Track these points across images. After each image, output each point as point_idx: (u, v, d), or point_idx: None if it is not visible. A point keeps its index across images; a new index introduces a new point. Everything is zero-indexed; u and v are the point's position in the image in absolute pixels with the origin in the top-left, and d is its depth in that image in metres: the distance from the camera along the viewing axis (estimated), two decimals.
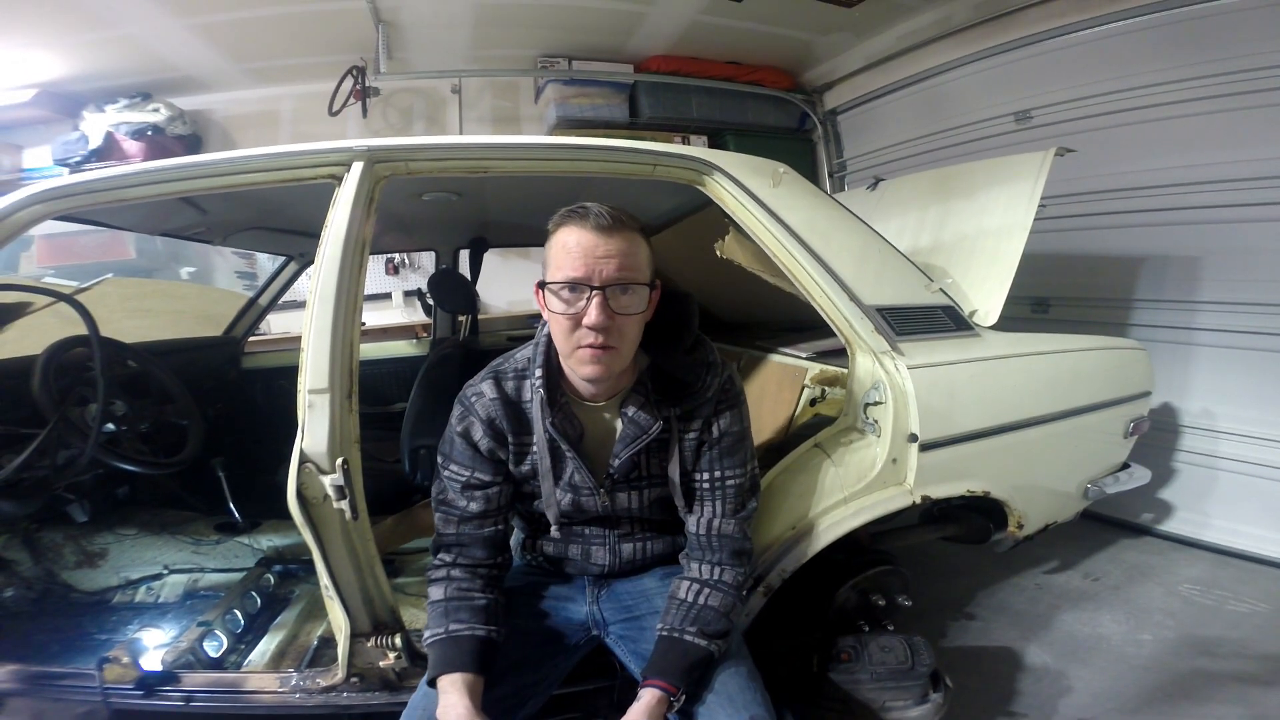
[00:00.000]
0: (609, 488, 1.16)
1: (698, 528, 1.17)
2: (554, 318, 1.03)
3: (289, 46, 3.60)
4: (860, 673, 1.42)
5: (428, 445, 1.83)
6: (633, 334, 1.05)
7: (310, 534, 1.21)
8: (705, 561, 1.16)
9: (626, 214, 1.03)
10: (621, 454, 1.12)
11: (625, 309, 1.01)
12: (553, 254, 1.03)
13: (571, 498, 1.16)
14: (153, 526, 2.03)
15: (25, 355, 1.66)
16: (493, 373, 1.16)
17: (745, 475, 1.18)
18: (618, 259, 0.99)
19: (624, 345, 1.04)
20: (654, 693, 1.01)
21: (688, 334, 1.17)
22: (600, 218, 1.00)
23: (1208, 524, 2.58)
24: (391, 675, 1.32)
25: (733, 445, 1.17)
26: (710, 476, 1.16)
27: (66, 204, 1.36)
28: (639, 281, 1.02)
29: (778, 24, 3.75)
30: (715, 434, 1.15)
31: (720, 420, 1.15)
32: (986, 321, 1.67)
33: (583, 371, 1.05)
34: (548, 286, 1.02)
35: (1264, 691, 1.70)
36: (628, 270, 1.01)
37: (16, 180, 3.58)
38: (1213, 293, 2.56)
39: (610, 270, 0.99)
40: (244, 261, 4.26)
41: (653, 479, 1.18)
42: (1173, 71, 2.56)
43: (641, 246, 1.04)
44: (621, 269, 1.00)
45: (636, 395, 1.12)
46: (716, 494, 1.16)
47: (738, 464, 1.17)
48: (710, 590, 1.12)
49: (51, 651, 1.63)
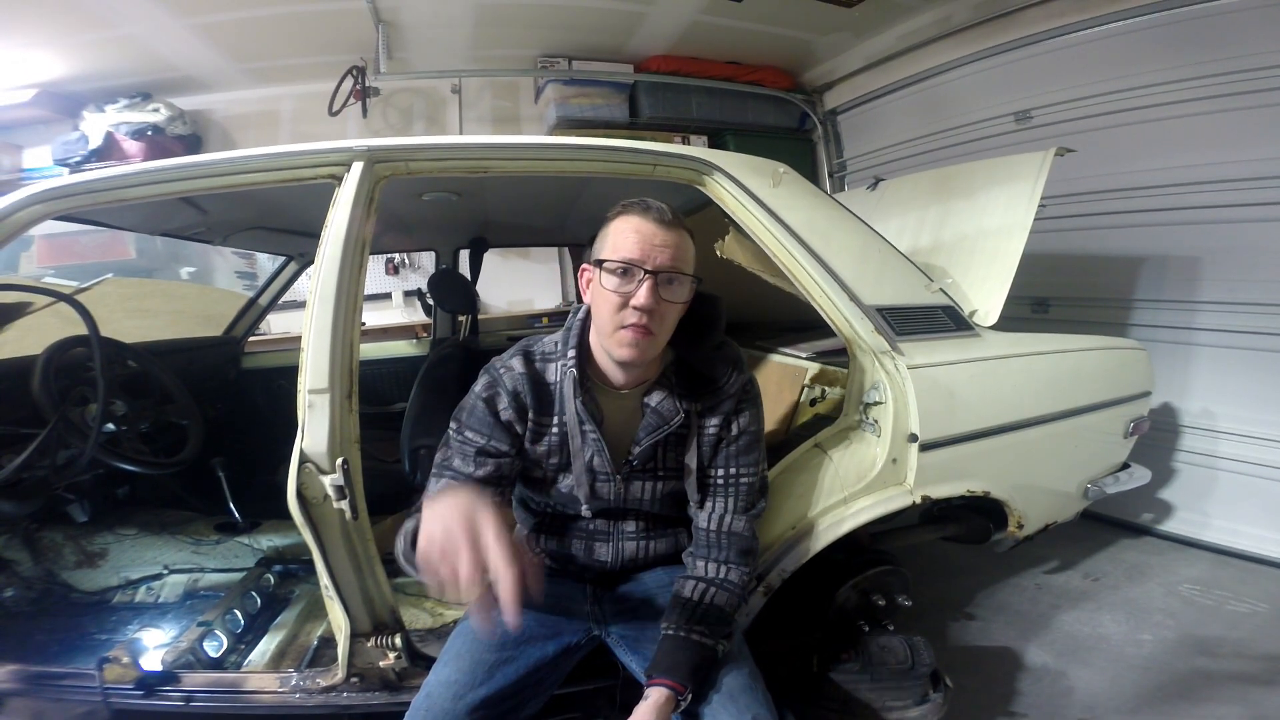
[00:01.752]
0: (626, 475, 1.17)
1: (708, 523, 1.18)
2: (603, 295, 1.06)
3: (289, 46, 3.60)
4: (860, 673, 1.42)
5: (428, 445, 1.83)
6: (671, 322, 1.10)
7: (310, 534, 1.21)
8: (712, 560, 1.16)
9: (682, 215, 1.10)
10: (643, 441, 1.15)
11: (671, 296, 1.07)
12: (610, 238, 1.08)
13: (589, 481, 1.18)
14: (153, 526, 2.03)
15: (25, 355, 1.66)
16: (522, 350, 1.18)
17: (757, 475, 1.21)
18: (672, 250, 1.06)
19: (661, 332, 1.08)
20: (662, 691, 1.01)
21: (715, 332, 1.21)
22: (662, 212, 1.07)
23: (1208, 524, 2.58)
24: (391, 675, 1.32)
25: (749, 444, 1.19)
26: (725, 472, 1.18)
27: (66, 204, 1.36)
28: (687, 274, 1.08)
29: (778, 24, 3.75)
30: (734, 431, 1.18)
31: (740, 418, 1.18)
32: (986, 321, 1.67)
33: (620, 353, 1.08)
34: (604, 265, 1.06)
35: (1264, 691, 1.70)
36: (680, 261, 1.07)
37: (16, 180, 3.58)
38: (1213, 293, 2.56)
39: (664, 258, 1.05)
40: (244, 261, 4.26)
41: (668, 470, 1.20)
42: (1173, 71, 2.56)
43: (691, 245, 1.11)
44: (675, 259, 1.06)
45: (661, 387, 1.16)
46: (730, 490, 1.18)
47: (752, 463, 1.20)
48: (717, 589, 1.12)
49: (51, 651, 1.63)
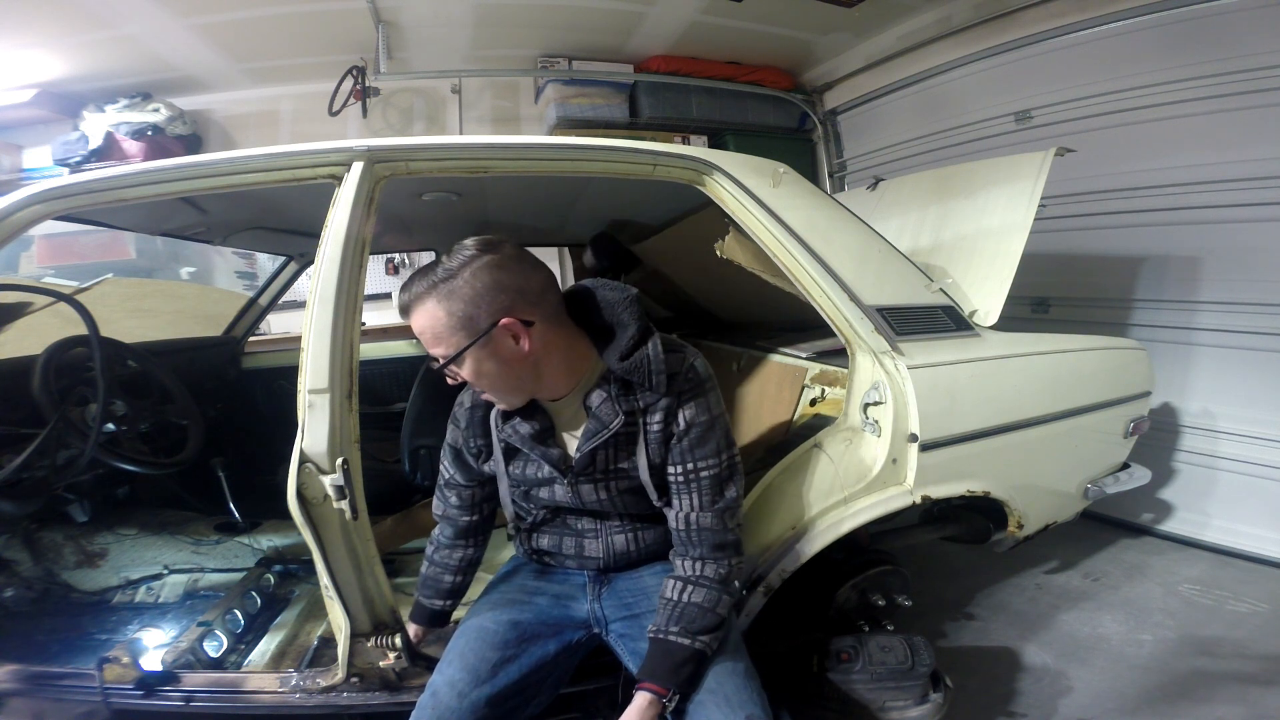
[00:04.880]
0: (573, 480, 1.16)
1: (677, 523, 1.16)
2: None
3: (289, 46, 3.60)
4: (860, 673, 1.41)
5: (428, 445, 1.83)
6: (494, 380, 1.06)
7: (310, 534, 1.21)
8: (688, 557, 1.15)
9: (424, 281, 1.01)
10: (582, 448, 1.13)
11: (457, 376, 1.07)
12: None
13: (547, 490, 1.20)
14: (153, 526, 2.03)
15: (25, 355, 1.66)
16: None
17: (720, 465, 1.15)
18: (426, 337, 1.03)
19: (497, 389, 1.09)
20: (644, 696, 1.02)
21: (626, 331, 1.11)
22: (404, 294, 1.03)
23: (1208, 524, 2.58)
24: (391, 675, 1.32)
25: (702, 436, 1.13)
26: (683, 469, 1.14)
27: (66, 204, 1.36)
28: (445, 355, 1.02)
29: (778, 24, 3.75)
30: (682, 425, 1.13)
31: (685, 411, 1.12)
32: (986, 321, 1.67)
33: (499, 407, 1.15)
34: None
35: (1264, 691, 1.70)
36: (434, 347, 1.03)
37: (16, 180, 3.58)
38: (1213, 293, 2.56)
39: (429, 347, 1.04)
40: (244, 261, 4.26)
41: (618, 472, 1.17)
42: (1173, 71, 2.56)
43: (438, 312, 1.00)
44: (431, 347, 1.04)
45: (600, 390, 1.12)
46: (691, 486, 1.14)
47: (709, 454, 1.14)
48: (693, 587, 1.11)
49: (51, 651, 1.63)
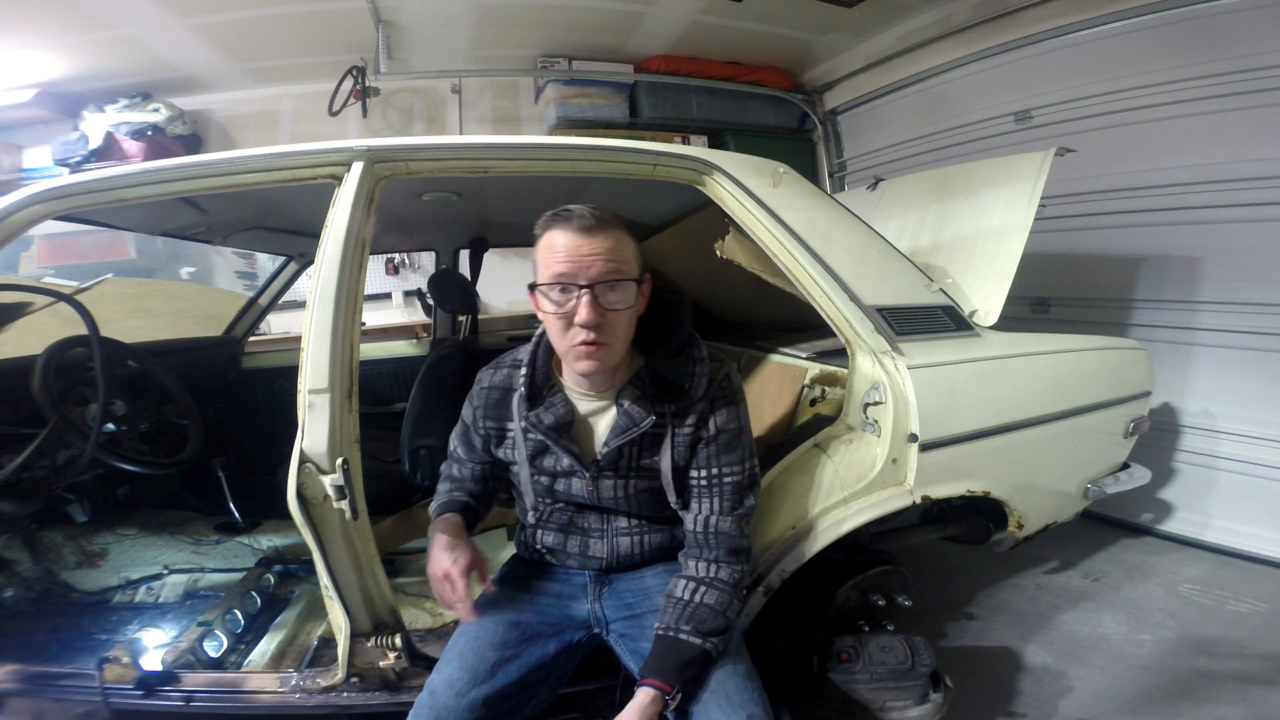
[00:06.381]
0: (595, 474, 1.17)
1: (695, 525, 1.17)
2: (547, 318, 1.07)
3: (289, 46, 3.60)
4: (860, 673, 1.42)
5: (428, 445, 1.83)
6: (624, 329, 1.08)
7: (310, 534, 1.21)
8: (702, 559, 1.16)
9: (610, 213, 1.06)
10: (611, 443, 1.15)
11: (614, 304, 1.04)
12: (540, 257, 1.07)
13: (564, 482, 1.19)
14: (153, 526, 2.03)
15: (25, 355, 1.66)
16: (495, 360, 1.26)
17: (743, 472, 1.18)
18: (604, 256, 1.03)
19: (615, 340, 1.07)
20: (648, 692, 1.02)
21: (674, 337, 1.19)
22: (584, 219, 1.03)
23: (1208, 524, 2.58)
24: (391, 675, 1.32)
25: (729, 442, 1.17)
26: (707, 473, 1.17)
27: (66, 204, 1.36)
28: (626, 277, 1.05)
29: (778, 24, 3.75)
30: (712, 430, 1.16)
31: (716, 417, 1.16)
32: (986, 321, 1.67)
33: (578, 367, 1.10)
34: (538, 288, 1.06)
35: (1264, 691, 1.70)
36: (614, 267, 1.03)
37: (16, 180, 3.59)
38: (1213, 293, 2.56)
39: (597, 269, 1.02)
40: (244, 261, 4.26)
41: (641, 471, 1.18)
42: (1173, 71, 2.56)
43: (627, 243, 1.07)
44: (608, 266, 1.03)
45: (633, 389, 1.15)
46: (714, 491, 1.17)
47: (735, 461, 1.17)
48: (706, 588, 1.12)
49: (51, 651, 1.63)
